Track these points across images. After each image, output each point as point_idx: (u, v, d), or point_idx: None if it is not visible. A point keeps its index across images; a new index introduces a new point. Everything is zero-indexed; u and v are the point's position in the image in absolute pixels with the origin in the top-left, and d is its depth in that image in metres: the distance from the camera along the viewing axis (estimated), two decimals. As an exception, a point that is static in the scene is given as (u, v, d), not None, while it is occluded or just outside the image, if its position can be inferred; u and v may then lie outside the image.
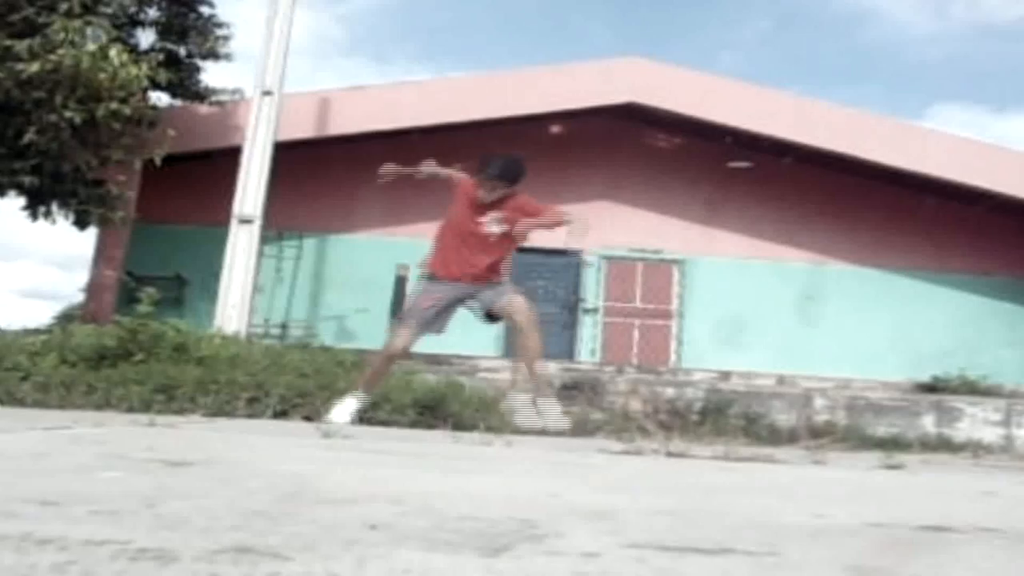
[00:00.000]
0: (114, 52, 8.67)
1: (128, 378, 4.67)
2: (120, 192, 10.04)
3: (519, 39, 61.52)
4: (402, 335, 4.36)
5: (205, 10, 11.07)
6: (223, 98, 11.36)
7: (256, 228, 9.97)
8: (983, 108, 68.55)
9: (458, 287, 4.41)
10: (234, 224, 9.94)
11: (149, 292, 5.76)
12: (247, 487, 1.51)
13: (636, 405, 6.72)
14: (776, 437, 5.79)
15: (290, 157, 10.98)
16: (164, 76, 9.91)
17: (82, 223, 10.08)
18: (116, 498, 1.28)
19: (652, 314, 13.05)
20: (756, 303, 12.69)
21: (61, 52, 8.40)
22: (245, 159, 10.11)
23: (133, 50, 9.93)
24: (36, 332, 7.27)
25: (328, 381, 4.87)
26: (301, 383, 4.79)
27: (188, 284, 12.13)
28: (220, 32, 11.07)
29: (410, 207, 12.66)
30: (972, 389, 10.13)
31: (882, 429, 7.00)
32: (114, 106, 8.83)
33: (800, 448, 4.04)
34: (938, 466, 3.24)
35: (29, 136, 8.76)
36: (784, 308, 12.73)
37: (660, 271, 13.20)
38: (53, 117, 8.66)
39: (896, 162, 11.96)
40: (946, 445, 6.32)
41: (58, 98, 8.64)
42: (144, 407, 4.28)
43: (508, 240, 4.47)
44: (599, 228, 13.24)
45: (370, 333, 11.96)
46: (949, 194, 12.43)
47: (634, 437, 3.46)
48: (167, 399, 4.47)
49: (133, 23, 10.71)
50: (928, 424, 7.32)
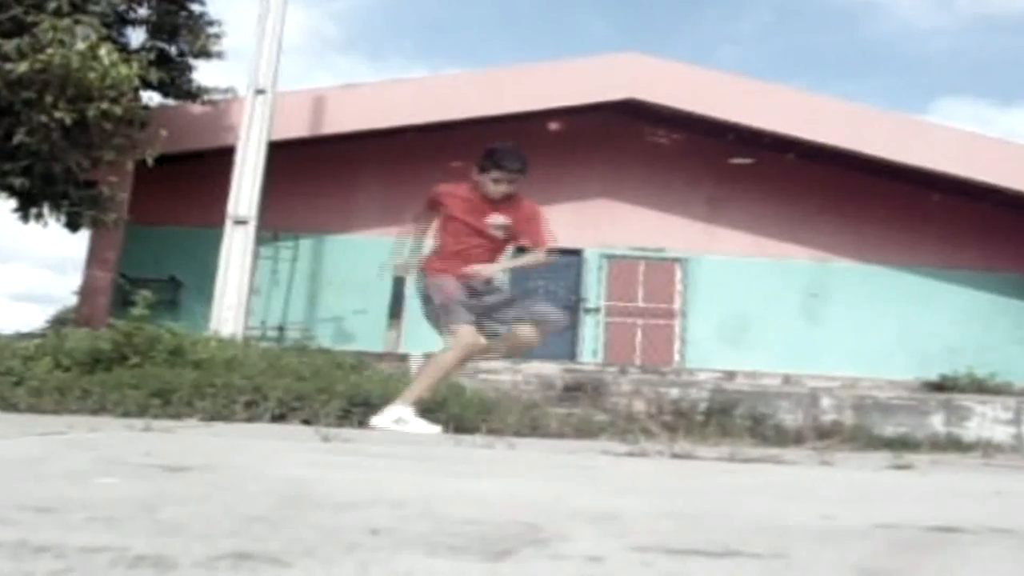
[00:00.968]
0: (104, 51, 8.67)
1: (123, 382, 4.67)
2: (112, 193, 10.04)
3: (516, 35, 61.58)
4: (467, 329, 4.18)
5: (196, 8, 11.07)
6: (215, 97, 11.36)
7: (251, 229, 9.98)
8: (989, 102, 68.69)
9: (466, 287, 4.36)
10: (229, 225, 9.95)
11: (144, 295, 5.76)
12: (246, 492, 1.51)
13: (640, 406, 6.72)
14: (782, 437, 5.80)
15: (285, 157, 10.98)
16: (155, 75, 9.92)
17: (74, 225, 10.08)
18: (113, 504, 1.28)
19: (654, 313, 13.05)
20: (760, 301, 12.69)
21: (50, 52, 8.40)
22: (239, 159, 10.11)
23: (123, 49, 9.94)
24: (29, 336, 7.28)
25: (327, 384, 4.86)
26: (299, 386, 4.79)
27: (183, 286, 12.14)
28: (211, 30, 11.07)
29: (408, 206, 12.58)
30: (981, 388, 10.13)
31: (890, 429, 7.01)
32: (105, 106, 8.83)
33: (807, 448, 4.04)
34: (948, 466, 3.24)
35: (19, 137, 8.77)
36: (788, 306, 12.74)
37: (662, 270, 13.20)
38: (43, 118, 8.66)
39: (900, 157, 11.96)
40: (956, 445, 6.32)
41: (48, 98, 8.65)
42: (140, 411, 4.28)
43: (503, 246, 4.48)
44: (599, 226, 13.29)
45: (369, 335, 11.98)
46: (955, 190, 12.44)
47: (638, 439, 3.46)
48: (163, 403, 4.47)
49: (123, 21, 10.71)
50: (937, 423, 7.33)
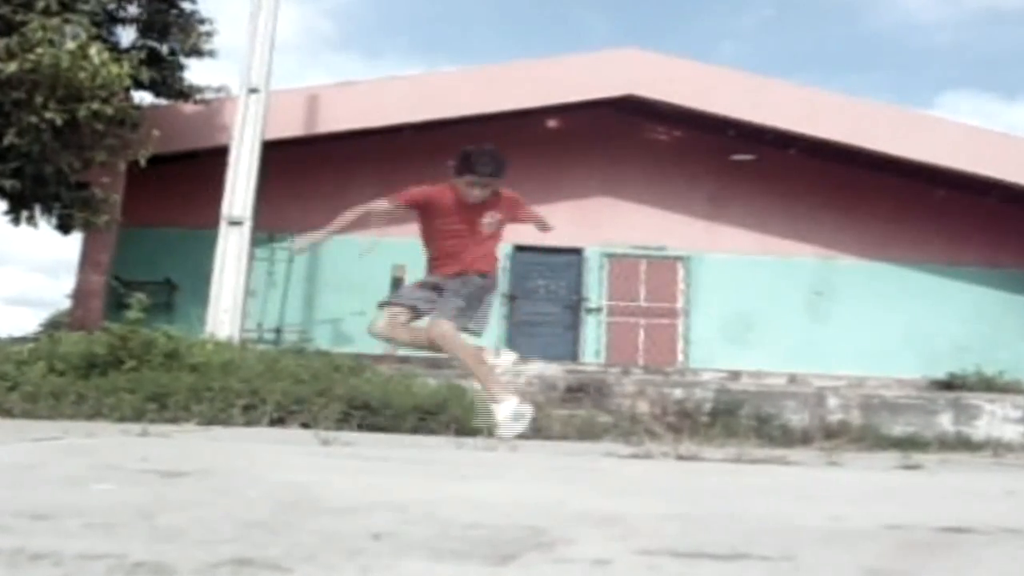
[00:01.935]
0: (94, 51, 8.66)
1: (119, 387, 4.67)
2: (105, 195, 10.04)
3: (513, 31, 61.57)
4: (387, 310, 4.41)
5: (187, 6, 11.07)
6: (208, 96, 11.36)
7: (246, 230, 9.97)
8: (993, 96, 68.69)
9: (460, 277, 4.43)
10: (223, 226, 9.94)
11: (138, 297, 5.77)
12: (245, 497, 1.51)
13: (644, 407, 6.72)
14: (789, 438, 5.80)
15: (279, 156, 10.98)
16: (146, 74, 9.91)
17: (65, 227, 10.08)
18: (110, 510, 1.28)
19: (657, 313, 13.05)
20: (764, 300, 12.69)
21: (39, 51, 8.39)
22: (233, 159, 10.11)
23: (114, 48, 9.92)
24: (23, 340, 7.28)
25: (325, 387, 4.86)
26: (298, 389, 4.79)
27: (178, 289, 12.13)
28: (203, 28, 11.07)
29: (405, 206, 12.66)
30: (989, 386, 10.13)
31: (898, 428, 7.00)
32: (96, 106, 8.82)
33: (814, 449, 4.04)
34: (957, 465, 3.24)
35: (9, 138, 8.76)
36: (793, 305, 12.74)
37: (664, 268, 13.20)
38: (33, 118, 8.66)
39: (904, 152, 11.96)
40: (965, 444, 6.33)
41: (38, 99, 8.64)
42: (136, 416, 4.28)
43: (498, 236, 4.52)
44: (600, 225, 13.29)
45: (367, 337, 11.96)
46: (960, 185, 12.44)
47: (642, 440, 3.46)
48: (160, 408, 4.47)
49: (113, 20, 10.70)
50: (946, 422, 7.32)
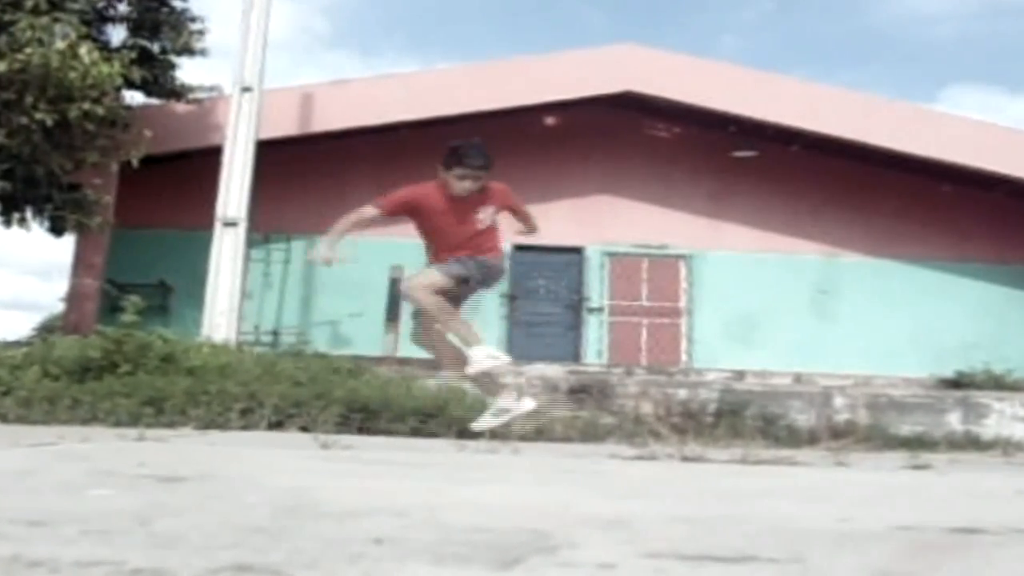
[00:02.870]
0: (84, 50, 8.66)
1: (114, 391, 4.67)
2: (97, 196, 10.03)
3: (510, 27, 61.54)
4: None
5: (178, 4, 11.06)
6: (200, 96, 11.35)
7: (241, 231, 9.97)
8: (998, 89, 68.63)
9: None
10: (218, 227, 9.93)
11: (133, 300, 5.76)
12: (244, 502, 1.51)
13: (647, 408, 6.71)
14: (795, 438, 5.80)
15: (274, 156, 10.98)
16: (137, 74, 9.89)
17: (58, 230, 10.07)
18: (107, 517, 1.28)
19: (660, 312, 13.05)
20: (768, 298, 12.68)
21: (29, 51, 8.39)
22: (226, 159, 10.10)
23: (104, 48, 9.91)
24: (16, 345, 7.27)
25: (324, 390, 4.86)
26: (296, 392, 4.79)
27: (173, 291, 12.12)
28: (194, 27, 11.06)
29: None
30: (998, 384, 10.12)
31: (906, 428, 6.99)
32: (86, 106, 8.81)
33: (821, 449, 4.04)
34: (966, 465, 3.24)
35: (-1, 139, 8.76)
36: (798, 303, 12.73)
37: (666, 267, 13.19)
38: (23, 119, 8.65)
39: (909, 148, 11.95)
40: (974, 443, 6.32)
41: (28, 99, 8.63)
42: (132, 421, 4.28)
43: (494, 228, 4.57)
44: (600, 223, 13.28)
45: (366, 338, 11.97)
46: (965, 180, 12.43)
47: (647, 441, 3.46)
48: (156, 412, 4.47)
49: (102, 19, 10.69)
50: (954, 421, 7.30)
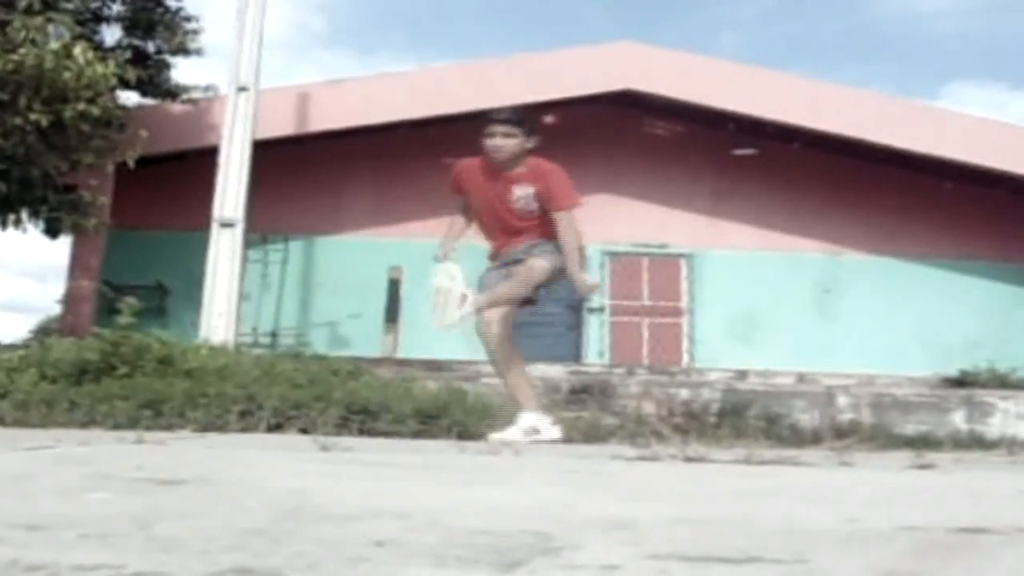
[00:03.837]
0: (78, 50, 8.65)
1: (112, 393, 4.67)
2: (93, 197, 10.03)
3: (508, 25, 61.54)
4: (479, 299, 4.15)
5: (172, 3, 11.09)
6: (196, 95, 11.37)
7: (239, 232, 9.96)
8: (1001, 86, 68.66)
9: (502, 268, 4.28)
10: (215, 228, 9.93)
11: (130, 302, 5.76)
12: (244, 505, 1.51)
13: (649, 408, 6.72)
14: (799, 438, 5.80)
15: (271, 156, 10.98)
16: (132, 74, 9.90)
17: (53, 231, 10.07)
18: (106, 520, 1.28)
19: (661, 312, 13.05)
20: (770, 297, 12.69)
21: (23, 51, 8.38)
22: (223, 159, 10.10)
23: (98, 48, 9.91)
24: (12, 347, 7.27)
25: (323, 391, 4.86)
26: (295, 394, 4.78)
27: (170, 293, 12.13)
28: (189, 26, 11.09)
29: (401, 206, 12.67)
30: (1003, 382, 10.13)
31: (910, 427, 6.98)
32: (81, 107, 8.81)
33: (825, 449, 4.04)
34: (972, 464, 3.24)
35: (-8, 141, 8.76)
36: (800, 302, 12.74)
37: (667, 266, 13.20)
38: (18, 120, 8.64)
39: (911, 145, 11.96)
40: (979, 442, 6.32)
41: (22, 100, 8.62)
42: (130, 423, 4.28)
43: (537, 220, 4.27)
44: (600, 223, 13.28)
45: (365, 339, 11.99)
46: (968, 177, 12.44)
47: (649, 442, 3.46)
48: (154, 414, 4.47)
49: (97, 19, 10.71)
50: (958, 420, 7.30)
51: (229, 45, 10.48)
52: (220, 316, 9.55)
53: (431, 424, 4.62)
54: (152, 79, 10.85)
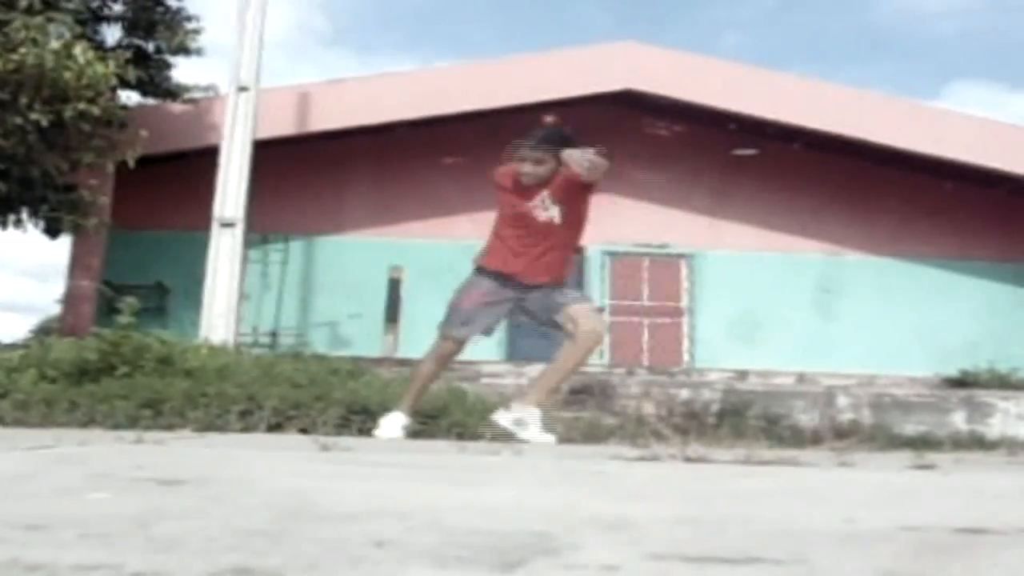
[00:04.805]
0: (79, 50, 8.67)
1: (112, 393, 4.67)
2: (93, 197, 10.04)
3: (509, 25, 61.56)
4: (441, 345, 4.16)
5: (173, 3, 11.10)
6: (196, 95, 11.39)
7: (239, 231, 9.97)
8: (1002, 86, 68.70)
9: (509, 285, 4.24)
10: (215, 228, 9.93)
11: (130, 302, 5.76)
12: (244, 505, 1.51)
13: (649, 408, 6.72)
14: (799, 438, 5.79)
15: (271, 156, 10.99)
16: (133, 74, 9.92)
17: (54, 231, 10.08)
18: (106, 520, 1.28)
19: (661, 312, 13.06)
20: (770, 298, 12.70)
21: (23, 51, 8.39)
22: (223, 159, 10.10)
23: (99, 47, 9.93)
24: (12, 347, 7.27)
25: (323, 391, 4.86)
26: (295, 394, 4.78)
27: (170, 292, 12.14)
28: (189, 26, 11.10)
29: (400, 206, 12.69)
30: (1003, 383, 10.14)
31: (910, 427, 6.99)
32: (82, 106, 8.82)
33: (825, 449, 4.04)
34: (972, 465, 3.24)
35: (-7, 140, 8.77)
36: (800, 302, 12.75)
37: (667, 266, 13.20)
38: (18, 119, 8.66)
39: (912, 145, 11.97)
40: (979, 443, 6.32)
41: (23, 99, 8.64)
42: (130, 423, 4.28)
43: (570, 230, 4.25)
44: (601, 223, 13.26)
45: (365, 339, 11.99)
46: (968, 177, 12.45)
47: (649, 442, 3.46)
48: (154, 414, 4.47)
49: (97, 19, 10.72)
50: (959, 421, 7.31)
51: (229, 45, 10.50)
52: (220, 316, 9.56)
53: (431, 424, 4.62)
54: (152, 79, 10.87)
